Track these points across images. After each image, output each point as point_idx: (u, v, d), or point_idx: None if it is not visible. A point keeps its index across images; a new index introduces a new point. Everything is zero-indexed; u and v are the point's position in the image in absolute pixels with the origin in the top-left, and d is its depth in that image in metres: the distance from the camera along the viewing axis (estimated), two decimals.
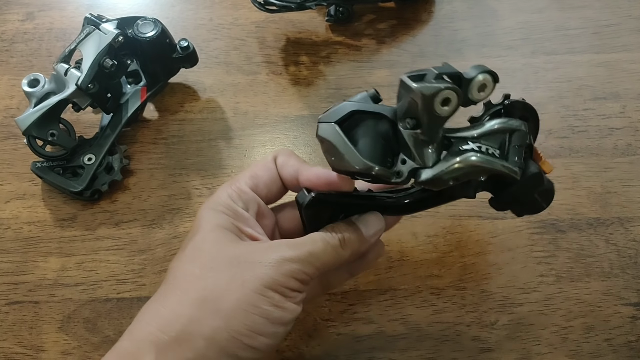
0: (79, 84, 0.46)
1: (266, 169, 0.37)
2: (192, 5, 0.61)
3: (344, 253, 0.34)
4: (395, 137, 0.32)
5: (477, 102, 0.33)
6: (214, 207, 0.35)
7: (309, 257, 0.33)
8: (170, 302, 0.32)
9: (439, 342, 0.42)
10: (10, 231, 0.48)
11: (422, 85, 0.30)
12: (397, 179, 0.32)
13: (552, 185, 0.36)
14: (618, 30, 0.57)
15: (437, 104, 0.30)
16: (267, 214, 0.37)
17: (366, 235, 0.35)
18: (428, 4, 0.60)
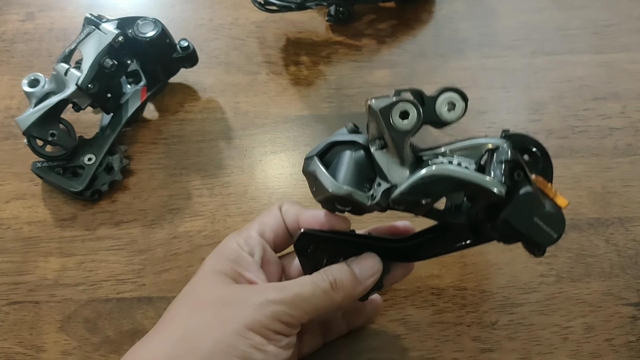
0: (79, 84, 0.46)
1: (272, 215, 0.38)
2: (192, 5, 0.61)
3: (336, 296, 0.33)
4: (370, 163, 0.33)
5: (450, 122, 0.33)
6: (220, 253, 0.36)
7: (296, 299, 0.32)
8: (154, 341, 0.32)
9: (439, 342, 0.42)
10: (10, 231, 0.48)
11: (379, 100, 0.31)
12: (371, 202, 0.32)
13: (558, 210, 0.32)
14: (618, 31, 0.57)
15: (396, 117, 0.31)
16: (272, 260, 0.37)
17: (360, 278, 0.34)
18: (428, 4, 0.60)
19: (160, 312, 0.44)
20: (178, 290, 0.44)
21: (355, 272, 0.34)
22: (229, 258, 0.35)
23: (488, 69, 0.55)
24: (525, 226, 0.31)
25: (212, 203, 0.49)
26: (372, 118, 0.32)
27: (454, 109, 0.32)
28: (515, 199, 0.31)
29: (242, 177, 0.50)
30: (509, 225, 0.31)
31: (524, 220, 0.31)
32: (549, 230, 0.32)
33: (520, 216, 0.31)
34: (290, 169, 0.50)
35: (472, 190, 0.31)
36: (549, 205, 0.32)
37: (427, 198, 0.31)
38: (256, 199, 0.49)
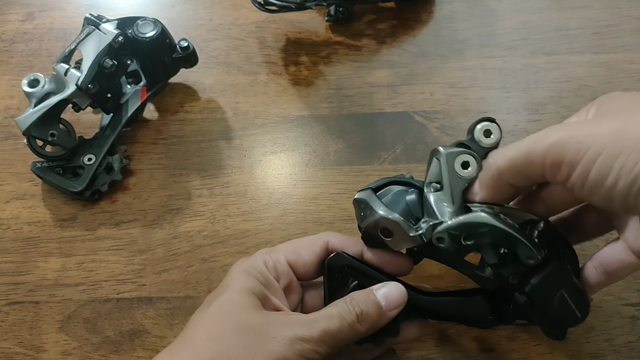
0: (79, 84, 0.46)
1: (312, 251, 0.37)
2: (192, 6, 0.61)
3: (361, 329, 0.33)
4: (421, 205, 0.35)
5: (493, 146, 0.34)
6: (248, 269, 0.36)
7: (323, 336, 0.32)
8: (181, 358, 0.32)
9: (439, 342, 0.42)
10: (10, 231, 0.48)
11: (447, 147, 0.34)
12: (415, 233, 0.33)
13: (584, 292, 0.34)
14: (618, 31, 0.57)
15: (458, 166, 0.33)
16: (295, 289, 0.38)
17: (385, 309, 0.34)
18: (428, 4, 0.60)
19: (160, 312, 0.44)
20: (178, 290, 0.45)
21: (381, 303, 0.34)
22: (257, 279, 0.35)
23: (488, 69, 0.55)
24: (552, 296, 0.33)
25: (212, 203, 0.49)
26: (435, 162, 0.34)
27: (491, 135, 0.34)
28: (549, 269, 0.33)
29: (242, 177, 0.50)
30: (537, 290, 0.33)
31: (552, 290, 0.33)
32: (574, 308, 0.33)
33: (549, 285, 0.33)
34: (290, 169, 0.50)
35: (513, 246, 0.32)
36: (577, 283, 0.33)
37: (469, 240, 0.32)
38: (256, 199, 0.49)
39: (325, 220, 0.48)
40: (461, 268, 0.35)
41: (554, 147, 0.29)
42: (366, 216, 0.35)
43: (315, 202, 0.49)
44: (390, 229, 0.34)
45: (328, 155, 0.51)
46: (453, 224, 0.32)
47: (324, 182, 0.50)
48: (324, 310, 0.34)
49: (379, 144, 0.51)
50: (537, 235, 0.33)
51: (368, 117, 0.53)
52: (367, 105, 0.53)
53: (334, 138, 0.52)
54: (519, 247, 0.32)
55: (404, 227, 0.34)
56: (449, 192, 0.33)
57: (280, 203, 0.49)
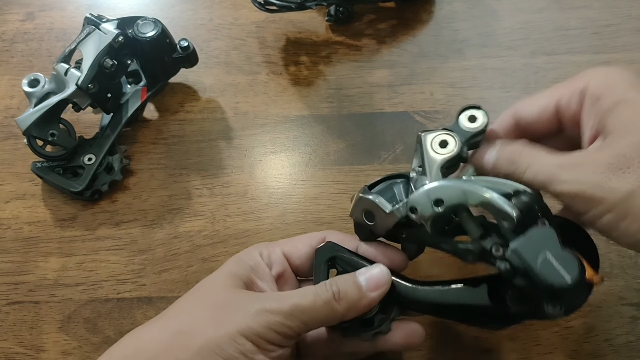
0: (79, 84, 0.46)
1: (308, 245, 0.37)
2: (192, 5, 0.61)
3: (339, 308, 0.32)
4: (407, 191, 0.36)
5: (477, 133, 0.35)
6: (240, 257, 0.36)
7: (294, 310, 0.31)
8: (153, 329, 0.33)
9: (439, 342, 0.42)
10: (10, 231, 0.48)
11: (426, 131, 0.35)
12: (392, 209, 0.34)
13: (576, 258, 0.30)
14: (618, 31, 0.57)
15: (436, 145, 0.35)
16: (290, 281, 0.38)
17: (365, 290, 0.33)
18: (428, 4, 0.60)
19: (160, 312, 0.44)
20: (178, 290, 0.45)
21: (361, 283, 0.33)
22: (247, 263, 0.36)
23: (488, 69, 0.55)
24: (534, 259, 0.30)
25: (212, 203, 0.49)
26: (418, 147, 0.35)
27: (476, 120, 0.35)
28: (530, 232, 0.30)
29: (242, 177, 0.50)
30: (516, 254, 0.30)
31: (534, 253, 0.30)
32: (561, 271, 0.29)
33: (530, 248, 0.30)
34: (290, 169, 0.50)
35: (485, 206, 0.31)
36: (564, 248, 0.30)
37: (439, 206, 0.33)
38: (256, 199, 0.49)
39: (325, 220, 0.48)
40: (443, 245, 0.35)
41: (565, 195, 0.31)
42: (352, 206, 0.37)
43: (315, 202, 0.49)
44: (370, 211, 0.35)
45: (328, 155, 0.51)
46: (419, 190, 0.33)
47: (324, 182, 0.50)
48: (298, 289, 0.34)
49: (379, 144, 0.51)
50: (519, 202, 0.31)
51: (368, 117, 0.53)
52: (367, 105, 0.53)
53: (334, 138, 0.52)
54: (492, 209, 0.31)
55: (380, 204, 0.34)
56: (427, 171, 0.34)
57: (280, 203, 0.49)
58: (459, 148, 0.34)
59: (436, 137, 0.35)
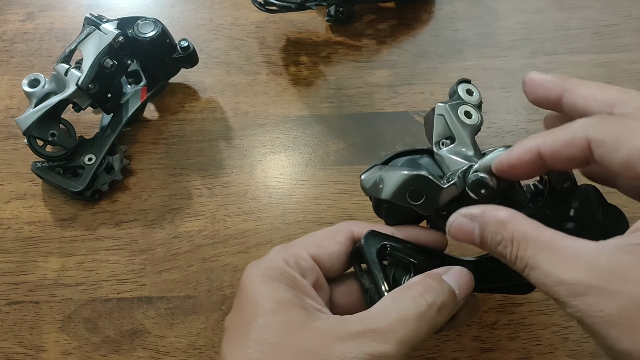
0: (79, 84, 0.46)
1: (336, 242, 0.33)
2: (192, 6, 0.61)
3: (439, 322, 0.28)
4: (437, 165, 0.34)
5: (477, 104, 0.35)
6: (267, 273, 0.30)
7: (401, 347, 0.27)
8: None
9: (439, 342, 0.42)
10: (10, 231, 0.48)
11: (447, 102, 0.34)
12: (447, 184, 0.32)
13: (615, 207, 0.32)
14: (618, 31, 0.57)
15: (462, 115, 0.34)
16: (323, 287, 0.33)
17: (459, 298, 0.30)
18: (428, 4, 0.60)
19: (160, 312, 0.44)
20: (178, 290, 0.45)
21: (455, 290, 0.30)
22: (284, 282, 0.29)
23: (488, 69, 0.55)
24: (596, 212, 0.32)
25: (212, 203, 0.49)
26: (439, 119, 0.34)
27: (473, 93, 0.36)
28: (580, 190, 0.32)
29: (242, 177, 0.50)
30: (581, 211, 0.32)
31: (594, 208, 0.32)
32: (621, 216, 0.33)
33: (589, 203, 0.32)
34: (290, 169, 0.50)
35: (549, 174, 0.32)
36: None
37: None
38: (256, 199, 0.49)
39: (326, 220, 0.48)
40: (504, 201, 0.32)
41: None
42: (387, 186, 0.32)
43: (316, 202, 0.49)
44: (419, 190, 0.32)
45: (328, 155, 0.51)
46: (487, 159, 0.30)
47: (324, 182, 0.50)
48: (394, 311, 0.28)
49: (379, 144, 0.51)
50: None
51: (368, 117, 0.53)
52: (367, 105, 0.53)
53: (334, 138, 0.52)
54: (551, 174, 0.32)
55: (434, 181, 0.31)
56: (464, 140, 0.33)
57: (280, 203, 0.49)
58: (481, 118, 0.34)
59: (460, 108, 0.34)
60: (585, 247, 0.24)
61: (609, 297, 0.23)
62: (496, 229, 0.27)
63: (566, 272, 0.24)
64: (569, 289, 0.24)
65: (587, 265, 0.24)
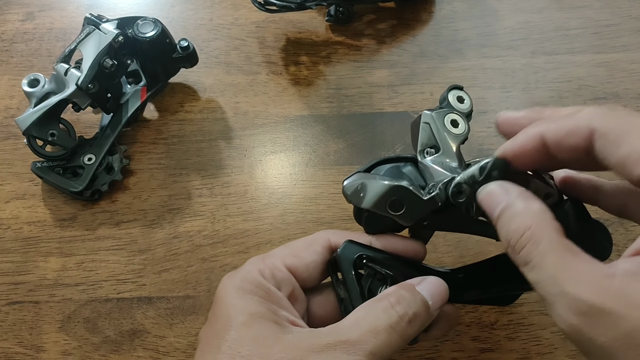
0: (79, 84, 0.46)
1: (312, 251, 0.33)
2: (192, 5, 0.61)
3: (411, 333, 0.29)
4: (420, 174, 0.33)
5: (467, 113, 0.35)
6: (243, 286, 0.30)
7: (372, 358, 0.27)
8: None
9: (439, 342, 0.42)
10: (10, 231, 0.48)
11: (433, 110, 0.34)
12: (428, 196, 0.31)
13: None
14: (618, 31, 0.57)
15: (448, 124, 0.33)
16: (300, 298, 0.33)
17: (432, 309, 0.30)
18: (428, 4, 0.60)
19: (160, 312, 0.44)
20: (178, 290, 0.45)
21: (429, 302, 0.29)
22: (258, 294, 0.29)
23: (488, 69, 0.55)
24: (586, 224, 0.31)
25: (212, 203, 0.49)
26: (424, 127, 0.33)
27: (464, 101, 0.35)
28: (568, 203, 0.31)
29: (242, 177, 0.50)
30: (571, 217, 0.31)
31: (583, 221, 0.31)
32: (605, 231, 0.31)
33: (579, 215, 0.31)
34: (290, 169, 0.50)
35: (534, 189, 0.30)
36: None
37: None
38: (256, 199, 0.49)
39: (325, 220, 0.48)
40: (477, 227, 0.33)
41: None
42: (368, 195, 0.32)
43: (315, 202, 0.49)
44: (400, 200, 0.32)
45: (328, 155, 0.51)
46: (470, 171, 0.29)
47: (324, 182, 0.50)
48: (366, 322, 0.28)
49: (379, 144, 0.51)
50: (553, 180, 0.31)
51: (368, 117, 0.53)
52: (367, 105, 0.53)
53: (334, 138, 0.52)
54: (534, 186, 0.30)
55: (415, 192, 0.31)
56: (449, 150, 0.32)
57: (280, 203, 0.49)
58: (468, 127, 0.33)
59: (447, 117, 0.33)
60: (598, 266, 0.24)
61: (615, 322, 0.22)
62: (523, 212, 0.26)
63: (573, 285, 0.23)
64: (572, 303, 0.23)
65: (596, 285, 0.23)
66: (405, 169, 0.34)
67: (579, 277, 0.23)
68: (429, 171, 0.33)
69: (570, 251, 0.25)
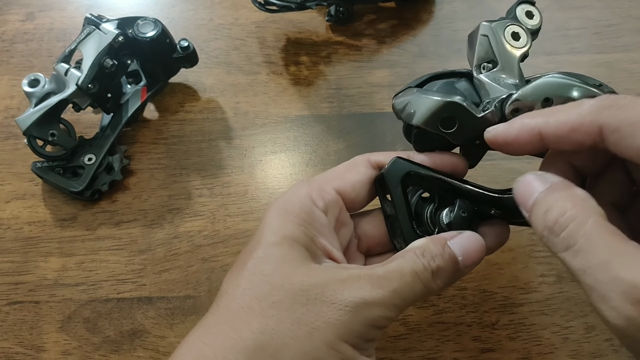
0: (79, 84, 0.46)
1: (356, 172, 0.32)
2: (192, 5, 0.61)
3: (435, 287, 0.28)
4: (475, 90, 0.31)
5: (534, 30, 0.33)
6: (286, 207, 0.29)
7: (395, 297, 0.26)
8: (219, 342, 0.26)
9: (439, 342, 0.42)
10: (10, 231, 0.48)
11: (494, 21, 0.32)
12: (482, 113, 0.29)
13: None
14: (618, 31, 0.57)
15: (509, 37, 0.31)
16: (347, 222, 0.32)
17: (462, 266, 0.29)
18: (428, 4, 0.60)
19: (160, 312, 0.44)
20: (178, 290, 0.45)
21: (459, 258, 0.28)
22: (300, 217, 0.29)
23: None
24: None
25: (212, 203, 0.49)
26: (482, 40, 0.32)
27: (533, 17, 0.34)
28: None
29: (242, 177, 0.50)
30: None
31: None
32: None
33: None
34: (290, 169, 0.50)
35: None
36: None
37: (548, 102, 0.29)
38: (256, 199, 0.49)
39: None
40: None
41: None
42: (419, 112, 0.30)
43: None
44: (453, 117, 0.30)
45: (328, 155, 0.51)
46: (529, 89, 0.28)
47: None
48: (393, 263, 0.28)
49: (379, 144, 0.51)
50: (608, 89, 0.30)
51: (368, 117, 0.53)
52: (367, 105, 0.53)
53: (334, 138, 0.52)
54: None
55: (469, 109, 0.29)
56: (508, 64, 0.31)
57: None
58: (530, 42, 0.31)
59: (508, 28, 0.31)
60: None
61: None
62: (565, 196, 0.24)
63: (629, 270, 0.21)
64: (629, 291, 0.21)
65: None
66: (459, 84, 0.32)
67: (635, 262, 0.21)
68: (485, 87, 0.31)
69: (620, 235, 0.22)
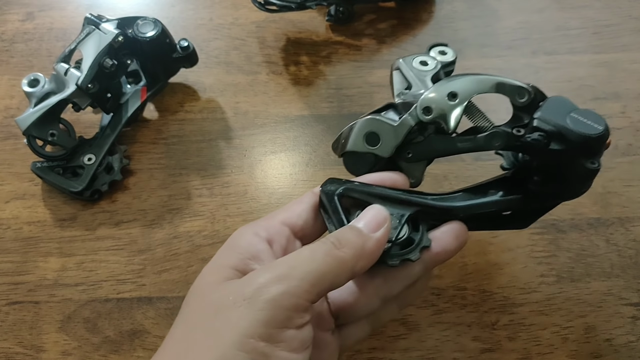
0: (79, 84, 0.46)
1: (301, 202, 0.33)
2: (192, 5, 0.61)
3: (344, 255, 0.28)
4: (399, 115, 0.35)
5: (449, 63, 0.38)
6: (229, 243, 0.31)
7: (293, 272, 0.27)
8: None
9: (439, 342, 0.42)
10: (10, 231, 0.48)
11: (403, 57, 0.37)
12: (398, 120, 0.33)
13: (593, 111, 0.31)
14: (618, 30, 0.57)
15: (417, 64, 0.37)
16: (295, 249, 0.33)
17: (367, 231, 0.29)
18: (428, 4, 0.60)
19: (160, 312, 0.44)
20: (178, 290, 0.45)
21: (357, 225, 0.30)
22: (240, 247, 0.30)
23: (488, 69, 0.55)
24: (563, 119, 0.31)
25: (212, 203, 0.49)
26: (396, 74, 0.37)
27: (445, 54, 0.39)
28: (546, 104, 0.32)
29: (242, 177, 0.50)
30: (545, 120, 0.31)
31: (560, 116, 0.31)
32: (591, 123, 0.31)
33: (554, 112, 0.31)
34: (290, 169, 0.50)
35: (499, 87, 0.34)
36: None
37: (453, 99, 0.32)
38: (256, 199, 0.49)
39: None
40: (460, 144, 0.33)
41: None
42: (348, 140, 0.34)
43: None
44: (374, 131, 0.33)
45: (328, 155, 0.51)
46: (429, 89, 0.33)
47: None
48: (293, 253, 0.29)
49: None
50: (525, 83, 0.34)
51: None
52: (367, 105, 0.53)
53: (334, 138, 0.52)
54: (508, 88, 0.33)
55: (385, 120, 0.33)
56: (420, 84, 0.35)
57: (280, 203, 0.49)
58: (438, 65, 0.36)
59: (415, 59, 0.36)
60: None
61: None
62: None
63: None
64: None
65: None
66: (385, 113, 0.35)
67: None
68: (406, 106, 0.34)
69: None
